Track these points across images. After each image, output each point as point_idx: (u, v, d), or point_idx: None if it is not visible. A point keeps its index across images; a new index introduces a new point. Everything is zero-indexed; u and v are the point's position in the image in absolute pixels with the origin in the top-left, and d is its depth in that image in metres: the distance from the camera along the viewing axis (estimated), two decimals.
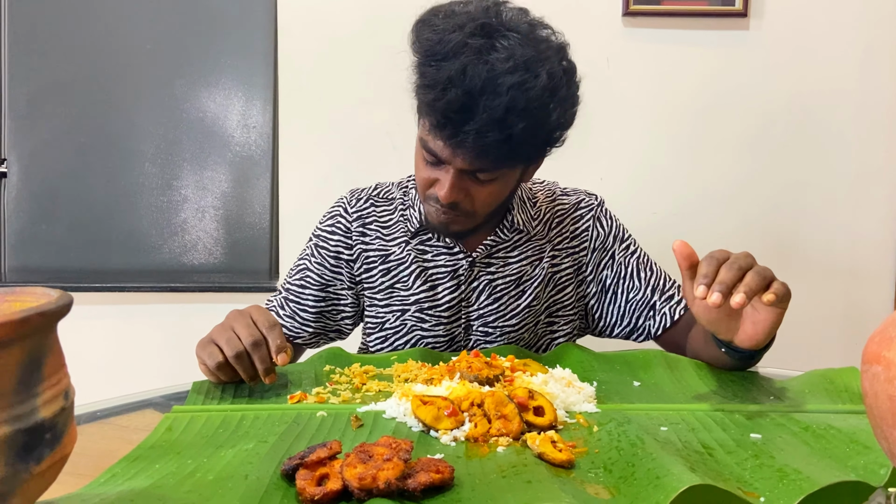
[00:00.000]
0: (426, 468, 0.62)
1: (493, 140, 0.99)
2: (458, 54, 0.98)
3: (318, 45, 2.09)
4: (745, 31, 2.04)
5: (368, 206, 1.27)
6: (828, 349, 2.09)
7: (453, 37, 1.00)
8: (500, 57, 0.98)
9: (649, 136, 2.09)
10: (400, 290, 1.22)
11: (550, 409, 0.80)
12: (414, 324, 1.22)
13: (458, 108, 0.98)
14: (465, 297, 1.22)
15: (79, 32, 2.16)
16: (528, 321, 1.23)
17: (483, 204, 1.11)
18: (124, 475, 0.67)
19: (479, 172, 1.06)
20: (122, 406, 0.96)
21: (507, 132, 0.99)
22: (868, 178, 2.08)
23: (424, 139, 1.07)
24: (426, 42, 1.03)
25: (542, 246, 1.24)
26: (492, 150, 1.01)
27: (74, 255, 2.19)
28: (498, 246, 1.22)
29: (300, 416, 0.83)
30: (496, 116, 0.97)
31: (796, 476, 0.64)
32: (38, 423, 0.49)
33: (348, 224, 1.25)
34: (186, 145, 2.19)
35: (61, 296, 0.52)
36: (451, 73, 0.98)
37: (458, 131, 0.99)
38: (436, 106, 1.00)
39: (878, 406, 0.55)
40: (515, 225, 1.22)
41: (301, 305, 1.26)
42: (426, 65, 1.02)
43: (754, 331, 0.93)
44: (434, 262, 1.22)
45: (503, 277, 1.22)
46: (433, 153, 1.06)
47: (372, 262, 1.24)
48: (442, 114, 1.00)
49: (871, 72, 2.05)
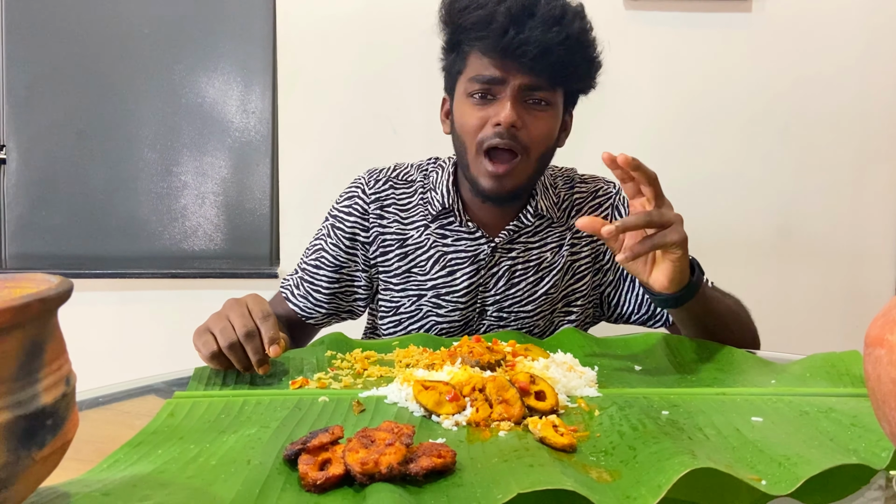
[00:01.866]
0: (428, 453, 0.63)
1: (554, 37, 1.05)
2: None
3: (317, 29, 2.08)
4: (748, 13, 2.03)
5: (387, 187, 1.25)
6: (829, 332, 2.09)
7: None
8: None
9: (652, 120, 2.08)
10: (417, 275, 1.22)
11: (552, 393, 0.80)
12: (430, 309, 1.21)
13: (520, 8, 1.06)
14: (484, 282, 1.21)
15: (77, 18, 2.15)
16: (544, 308, 1.23)
17: (538, 136, 1.12)
18: (127, 461, 0.67)
19: (535, 91, 1.10)
20: (124, 392, 0.96)
21: (566, 31, 1.07)
22: (870, 161, 2.08)
23: (476, 74, 1.10)
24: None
25: (562, 233, 1.24)
26: (554, 52, 1.06)
27: (74, 241, 2.19)
28: (520, 231, 1.22)
29: (302, 402, 0.83)
30: (556, 14, 1.07)
31: (798, 459, 0.64)
32: (39, 408, 0.49)
33: (365, 206, 1.24)
34: (186, 131, 2.18)
35: (61, 282, 0.52)
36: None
37: (522, 29, 1.05)
38: (495, 13, 1.06)
39: (881, 389, 0.55)
40: (539, 210, 1.22)
41: (315, 286, 1.25)
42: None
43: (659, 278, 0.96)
44: (454, 246, 1.21)
45: (523, 263, 1.22)
46: (490, 78, 1.09)
47: (389, 246, 1.23)
48: (504, 18, 1.05)
49: (873, 55, 2.04)
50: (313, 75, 2.10)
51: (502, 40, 1.06)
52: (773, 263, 2.11)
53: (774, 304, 2.08)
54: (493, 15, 1.06)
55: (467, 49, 1.12)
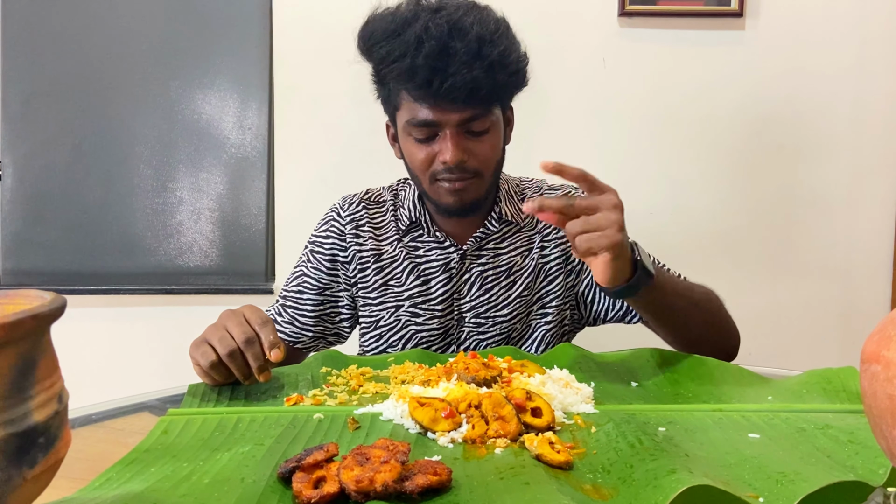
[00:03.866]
0: (424, 470, 0.62)
1: (478, 74, 1.05)
2: (415, 18, 1.08)
3: (313, 45, 2.09)
4: (741, 31, 2.04)
5: (360, 209, 1.30)
6: (824, 348, 2.09)
7: (402, 11, 1.11)
8: (450, 10, 1.09)
9: (645, 136, 2.09)
10: (393, 287, 1.25)
11: (548, 410, 0.80)
12: (408, 319, 1.24)
13: (437, 56, 1.05)
14: (457, 289, 1.24)
15: (73, 34, 2.16)
16: (520, 311, 1.25)
17: (486, 159, 1.15)
18: (119, 479, 0.66)
19: (472, 122, 1.11)
20: (117, 409, 0.95)
21: (488, 61, 1.06)
22: (864, 178, 2.08)
23: (411, 118, 1.12)
24: (380, 25, 1.12)
25: (531, 237, 1.27)
26: (480, 87, 1.06)
27: (69, 257, 2.18)
28: (488, 237, 1.25)
29: (297, 419, 0.82)
30: (473, 50, 1.06)
31: (795, 476, 0.64)
32: (31, 426, 0.48)
33: (342, 227, 1.28)
34: (182, 147, 2.18)
35: (54, 298, 0.52)
36: (417, 32, 1.06)
37: (446, 76, 1.05)
38: (416, 66, 1.06)
39: (877, 405, 0.54)
40: (504, 216, 1.25)
41: (299, 311, 1.28)
42: (391, 41, 1.09)
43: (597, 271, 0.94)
44: (426, 257, 1.25)
45: (494, 268, 1.25)
46: (425, 122, 1.11)
47: (366, 262, 1.26)
48: (424, 68, 1.06)
49: (866, 71, 2.05)
50: (310, 92, 2.11)
51: (429, 90, 1.07)
52: (767, 278, 2.11)
53: (769, 320, 2.08)
54: (414, 66, 1.06)
55: (396, 89, 1.14)
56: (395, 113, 1.18)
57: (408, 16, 1.09)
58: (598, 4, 2.04)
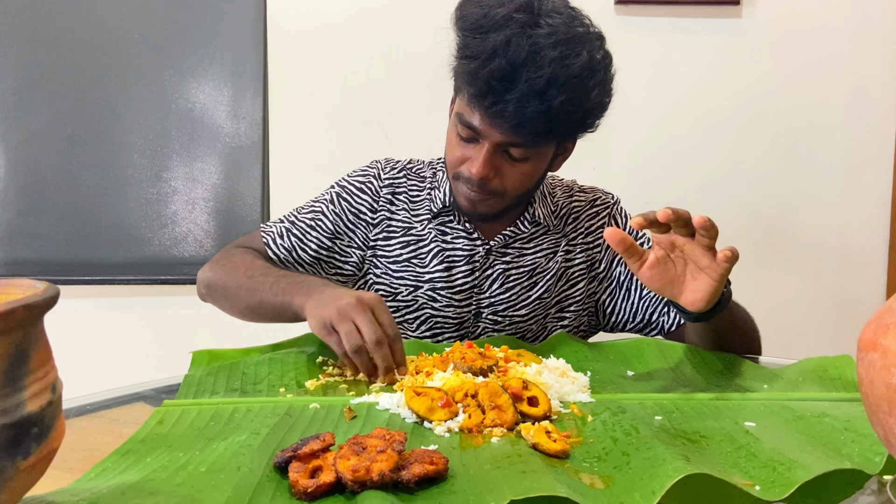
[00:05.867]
0: (420, 459, 0.62)
1: (531, 111, 1.02)
2: (504, 27, 1.02)
3: (308, 34, 2.07)
4: (738, 19, 2.04)
5: (402, 176, 1.27)
6: (819, 337, 2.09)
7: (499, 11, 1.04)
8: (543, 32, 1.02)
9: (642, 125, 2.08)
10: (416, 266, 1.23)
11: (545, 399, 0.80)
12: (425, 301, 1.22)
13: (501, 77, 1.01)
14: (479, 283, 1.22)
15: (65, 23, 2.14)
16: (538, 313, 1.23)
17: (514, 185, 1.13)
18: (115, 469, 0.66)
19: (513, 147, 1.08)
20: (112, 399, 0.95)
21: (547, 104, 1.02)
22: (859, 166, 2.08)
23: (461, 113, 1.10)
24: (472, 16, 1.06)
25: (557, 240, 1.25)
26: (530, 123, 1.03)
27: (63, 247, 2.17)
28: (516, 237, 1.24)
29: (293, 408, 0.82)
30: (537, 88, 1.01)
31: (791, 464, 0.64)
32: (24, 417, 0.48)
33: (378, 188, 1.25)
34: (176, 137, 2.17)
35: (47, 288, 0.51)
36: (495, 43, 1.02)
37: (499, 100, 1.02)
38: (479, 75, 1.03)
39: (874, 394, 0.54)
40: (536, 218, 1.24)
41: (303, 244, 1.24)
42: (471, 36, 1.05)
43: (694, 297, 0.91)
44: (453, 244, 1.23)
45: (517, 268, 1.23)
46: (470, 126, 1.08)
47: (393, 232, 1.24)
48: (484, 82, 1.02)
49: (862, 60, 2.05)
50: (304, 81, 2.09)
51: (482, 102, 1.04)
52: (763, 268, 2.11)
53: (764, 309, 2.06)
54: (477, 73, 1.03)
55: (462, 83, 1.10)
56: (456, 95, 1.15)
57: (501, 19, 1.03)
58: None
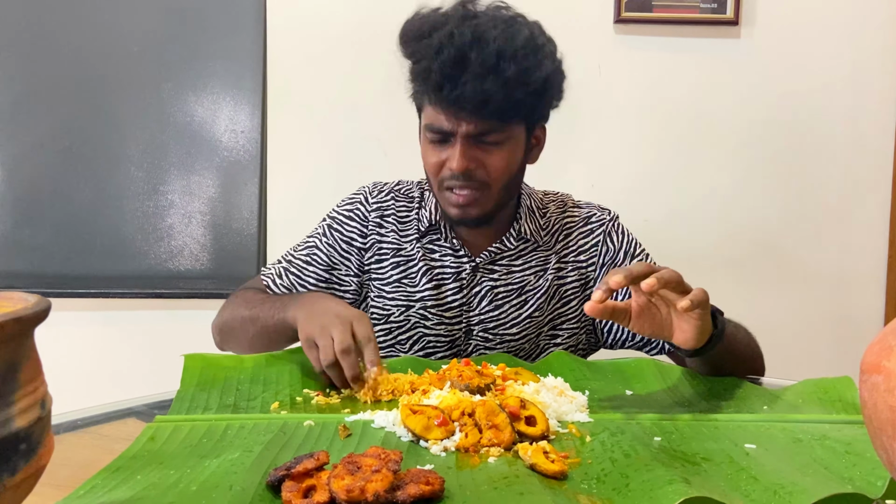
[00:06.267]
0: (416, 480, 0.61)
1: (489, 87, 1.05)
2: (444, 24, 1.10)
3: (307, 49, 2.08)
4: (737, 38, 2.04)
5: (389, 199, 1.29)
6: (818, 357, 2.08)
7: (435, 16, 1.12)
8: (481, 21, 1.09)
9: (641, 143, 2.09)
10: (407, 286, 1.23)
11: (542, 418, 0.79)
12: (417, 320, 1.22)
13: (453, 63, 1.06)
14: (467, 300, 1.22)
15: (64, 35, 2.14)
16: (529, 332, 1.22)
17: (496, 172, 1.14)
18: (105, 486, 0.65)
19: (485, 135, 1.11)
20: (103, 415, 0.94)
21: (502, 78, 1.05)
22: (859, 186, 2.09)
23: (428, 123, 1.14)
24: (412, 28, 1.13)
25: (547, 257, 1.24)
26: (491, 100, 1.06)
27: (58, 260, 2.16)
28: (502, 253, 1.23)
29: (287, 426, 0.81)
30: (489, 64, 1.05)
31: (792, 488, 0.63)
32: (12, 433, 0.47)
33: (366, 213, 1.27)
34: (173, 150, 2.16)
35: (38, 301, 0.50)
36: (440, 38, 1.08)
37: (456, 85, 1.06)
38: (432, 70, 1.07)
39: (878, 417, 0.54)
40: (522, 234, 1.23)
41: (302, 280, 1.25)
42: (417, 42, 1.11)
43: (684, 337, 0.91)
44: (441, 262, 1.24)
45: (505, 285, 1.22)
46: (439, 129, 1.12)
47: (384, 254, 1.25)
48: (439, 73, 1.07)
49: (861, 80, 2.06)
50: (303, 95, 2.09)
51: (441, 94, 1.08)
52: (761, 288, 2.11)
53: (762, 329, 2.05)
54: (430, 71, 1.08)
55: (421, 91, 1.15)
56: (420, 114, 1.19)
57: (440, 20, 1.10)
58: (594, 11, 2.04)
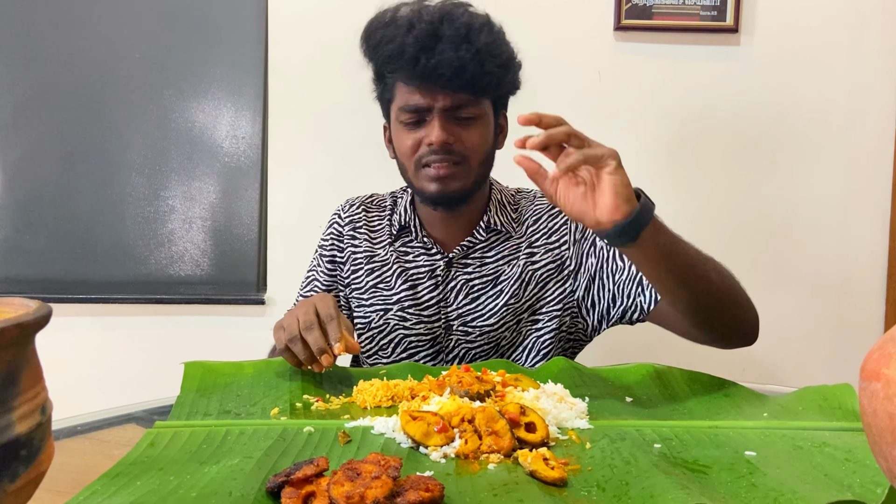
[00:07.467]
0: (415, 486, 0.61)
1: (465, 55, 1.11)
2: (408, 9, 1.17)
3: (308, 54, 2.08)
4: (737, 46, 2.05)
5: (360, 211, 1.35)
6: (817, 364, 2.08)
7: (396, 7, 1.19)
8: (444, 4, 1.18)
9: (641, 150, 2.09)
10: (383, 290, 1.28)
11: (542, 425, 0.79)
12: (396, 322, 1.26)
13: (426, 35, 1.12)
14: (444, 296, 1.26)
15: (65, 41, 2.14)
16: (508, 320, 1.24)
17: (472, 146, 1.19)
18: (105, 492, 0.65)
19: (460, 109, 1.16)
20: (103, 420, 0.94)
21: (475, 47, 1.12)
22: (858, 193, 2.09)
23: (401, 106, 1.18)
24: (372, 24, 1.20)
25: (518, 244, 1.28)
26: (467, 69, 1.11)
27: (59, 265, 2.16)
28: (474, 246, 1.27)
29: (286, 432, 0.81)
30: (462, 33, 1.12)
31: (792, 495, 0.63)
32: (12, 438, 0.47)
33: (340, 229, 1.34)
34: (174, 155, 2.17)
35: (39, 307, 0.50)
36: (409, 17, 1.15)
37: (433, 53, 1.11)
38: (405, 45, 1.12)
39: (877, 424, 0.54)
40: (493, 226, 1.27)
41: None
42: (383, 30, 1.17)
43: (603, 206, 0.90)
44: (414, 262, 1.28)
45: (480, 277, 1.26)
46: (415, 108, 1.16)
47: (359, 264, 1.31)
48: (414, 47, 1.12)
49: (861, 87, 2.06)
50: (304, 101, 2.10)
51: (416, 68, 1.13)
52: (760, 293, 2.09)
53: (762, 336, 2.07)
54: (403, 46, 1.13)
55: (391, 80, 1.20)
56: (389, 107, 1.23)
57: (402, 8, 1.18)
58: (594, 18, 2.05)
